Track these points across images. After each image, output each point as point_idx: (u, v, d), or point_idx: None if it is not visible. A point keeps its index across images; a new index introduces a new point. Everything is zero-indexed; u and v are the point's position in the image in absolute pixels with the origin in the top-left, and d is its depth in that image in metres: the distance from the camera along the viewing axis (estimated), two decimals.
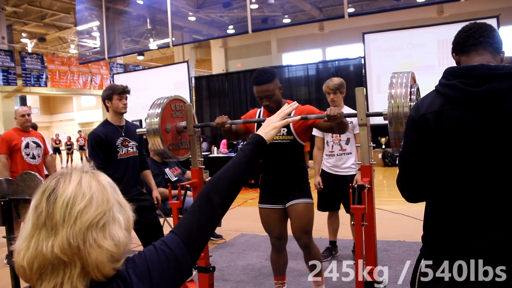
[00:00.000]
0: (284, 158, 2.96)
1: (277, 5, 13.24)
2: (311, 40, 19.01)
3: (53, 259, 0.89)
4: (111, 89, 3.55)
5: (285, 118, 1.63)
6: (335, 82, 4.01)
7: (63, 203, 0.92)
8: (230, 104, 14.14)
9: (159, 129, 2.97)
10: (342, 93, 4.06)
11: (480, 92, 1.42)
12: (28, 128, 4.88)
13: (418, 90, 2.41)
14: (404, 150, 1.62)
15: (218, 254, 4.59)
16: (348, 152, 4.03)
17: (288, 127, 2.90)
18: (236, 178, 1.30)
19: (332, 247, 4.35)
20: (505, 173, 1.43)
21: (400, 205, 6.16)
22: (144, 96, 12.16)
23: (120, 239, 0.94)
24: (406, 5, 11.70)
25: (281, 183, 3.01)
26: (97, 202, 0.95)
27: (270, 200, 3.06)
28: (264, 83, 2.79)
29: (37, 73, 18.23)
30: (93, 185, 0.97)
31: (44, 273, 0.90)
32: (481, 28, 1.54)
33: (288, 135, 2.91)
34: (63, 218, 0.91)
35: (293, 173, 2.99)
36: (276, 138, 2.91)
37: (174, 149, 3.13)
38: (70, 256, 0.89)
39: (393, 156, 11.88)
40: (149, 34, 15.56)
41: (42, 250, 0.89)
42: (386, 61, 11.34)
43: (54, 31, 21.03)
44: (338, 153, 4.04)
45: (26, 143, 4.77)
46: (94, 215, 0.93)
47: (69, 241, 0.89)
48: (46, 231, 0.91)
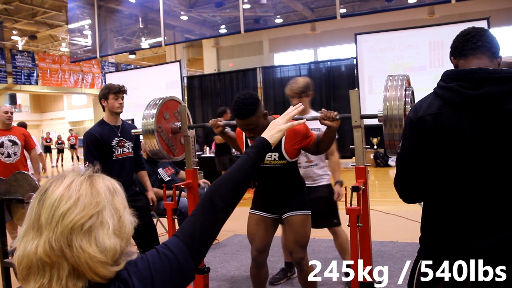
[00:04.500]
0: (278, 181, 2.82)
1: (269, 5, 13.23)
2: (303, 41, 19.07)
3: (37, 261, 0.89)
4: (107, 88, 3.52)
5: (291, 120, 1.61)
6: (300, 84, 3.35)
7: (48, 205, 0.92)
8: (222, 103, 14.09)
9: (154, 129, 2.97)
10: (309, 96, 3.42)
11: (478, 95, 1.44)
12: (9, 126, 4.81)
13: (413, 93, 2.43)
14: (402, 151, 1.63)
15: (211, 255, 4.58)
16: (315, 163, 3.50)
17: (280, 151, 2.70)
18: (240, 182, 1.28)
19: (287, 268, 3.89)
20: (502, 176, 1.45)
21: (393, 205, 6.20)
22: (136, 95, 12.10)
23: (106, 246, 0.92)
24: (397, 6, 11.76)
25: (276, 198, 2.85)
26: (83, 204, 0.93)
27: (263, 208, 2.89)
28: (245, 117, 2.52)
29: (27, 71, 18.09)
30: (82, 187, 0.96)
31: (30, 273, 0.90)
32: (479, 32, 1.57)
33: (280, 159, 2.72)
34: (47, 220, 0.91)
35: (289, 188, 2.84)
36: (268, 163, 2.74)
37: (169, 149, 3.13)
38: (54, 258, 0.89)
39: (385, 157, 11.95)
40: (141, 33, 15.48)
41: (27, 251, 0.90)
42: (378, 62, 11.40)
43: (45, 29, 20.86)
44: (305, 165, 3.49)
45: (0, 142, 4.70)
46: (78, 218, 0.91)
47: (51, 243, 0.89)
48: (33, 232, 0.92)
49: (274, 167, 2.75)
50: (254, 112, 2.51)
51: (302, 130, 2.70)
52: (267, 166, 2.75)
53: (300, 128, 2.68)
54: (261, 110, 2.58)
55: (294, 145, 2.71)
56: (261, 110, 2.57)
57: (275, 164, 2.74)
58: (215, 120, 2.97)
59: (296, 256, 2.79)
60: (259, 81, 13.41)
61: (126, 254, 0.99)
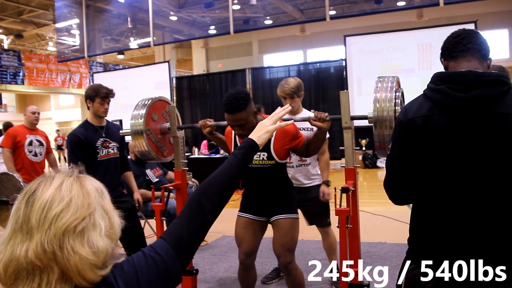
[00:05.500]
0: (266, 181, 2.79)
1: (259, 6, 13.26)
2: (292, 42, 19.11)
3: (27, 264, 0.86)
4: (95, 90, 3.47)
5: (277, 122, 1.60)
6: (292, 85, 3.32)
7: (39, 206, 0.90)
8: (211, 104, 14.08)
9: (143, 130, 2.94)
10: (300, 97, 3.40)
11: (468, 97, 1.44)
12: (35, 127, 5.06)
13: (403, 94, 2.44)
14: (392, 153, 1.63)
15: (200, 256, 4.55)
16: (308, 163, 3.48)
17: (269, 151, 2.68)
18: (228, 183, 1.27)
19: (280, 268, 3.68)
20: (490, 179, 1.46)
21: (381, 206, 6.22)
22: (125, 95, 12.02)
23: (99, 247, 0.91)
24: (386, 9, 11.85)
25: (265, 199, 2.82)
26: (76, 206, 0.92)
27: (251, 210, 2.86)
28: (235, 112, 2.49)
29: (13, 71, 17.88)
30: (74, 189, 0.94)
31: (19, 278, 0.87)
32: (470, 34, 1.57)
33: (269, 159, 2.70)
34: (38, 222, 0.88)
35: (277, 190, 2.81)
36: (256, 163, 2.71)
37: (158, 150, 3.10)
38: (46, 262, 0.87)
39: (374, 158, 12.01)
40: (130, 33, 15.37)
41: (16, 255, 0.87)
42: (367, 63, 11.45)
43: (32, 27, 20.57)
44: (297, 164, 3.46)
45: (29, 141, 4.91)
46: (71, 220, 0.90)
47: (44, 246, 0.87)
48: (22, 235, 0.89)
49: (263, 168, 2.73)
50: (244, 107, 2.50)
51: (292, 130, 2.69)
52: (255, 166, 2.73)
53: (290, 129, 2.67)
54: (252, 107, 2.57)
55: (284, 145, 2.69)
56: (251, 107, 2.56)
57: (263, 164, 2.72)
58: (204, 120, 2.95)
59: (284, 260, 2.76)
60: (248, 82, 13.39)
61: (114, 257, 0.97)
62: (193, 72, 20.31)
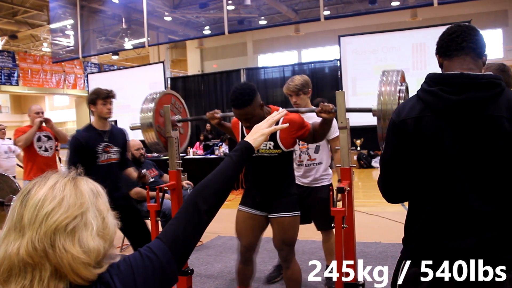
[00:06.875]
0: (272, 171, 2.82)
1: (253, 6, 13.26)
2: (287, 42, 19.13)
3: (18, 262, 0.88)
4: (95, 93, 3.48)
5: (273, 125, 1.62)
6: (297, 82, 3.42)
7: (32, 205, 0.91)
8: (206, 105, 14.09)
9: (153, 123, 3.00)
10: (307, 94, 3.50)
11: (459, 100, 1.45)
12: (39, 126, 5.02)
13: (407, 88, 2.45)
14: (385, 152, 1.65)
15: (195, 256, 4.55)
16: (318, 162, 3.50)
17: (275, 140, 2.74)
18: (223, 185, 1.29)
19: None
20: (481, 181, 1.47)
21: (376, 206, 6.24)
22: (119, 96, 11.85)
23: (90, 247, 0.92)
24: (380, 9, 11.87)
25: (267, 191, 2.85)
26: (68, 205, 0.92)
27: (252, 205, 2.89)
28: (241, 107, 2.58)
29: (8, 71, 17.82)
30: (67, 188, 0.95)
31: (11, 275, 0.89)
32: (464, 32, 1.55)
33: (275, 148, 2.75)
34: (30, 220, 0.90)
35: (280, 183, 2.83)
36: (263, 152, 2.77)
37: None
38: (37, 259, 0.88)
39: (368, 158, 12.04)
40: (124, 34, 15.36)
41: (9, 252, 0.88)
42: (362, 63, 11.50)
43: (26, 28, 20.49)
44: (307, 163, 3.50)
45: (38, 137, 4.91)
46: (62, 218, 0.90)
47: (34, 244, 0.88)
48: (15, 233, 0.90)
49: (269, 157, 2.78)
50: (250, 102, 2.57)
51: (298, 120, 2.75)
52: (261, 155, 2.78)
53: (295, 119, 2.74)
54: (258, 101, 2.63)
55: (290, 135, 2.74)
56: (257, 100, 2.63)
57: (270, 153, 2.77)
58: (212, 112, 2.99)
59: (284, 253, 2.84)
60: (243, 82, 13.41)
61: (109, 257, 0.98)
62: (187, 72, 20.30)
